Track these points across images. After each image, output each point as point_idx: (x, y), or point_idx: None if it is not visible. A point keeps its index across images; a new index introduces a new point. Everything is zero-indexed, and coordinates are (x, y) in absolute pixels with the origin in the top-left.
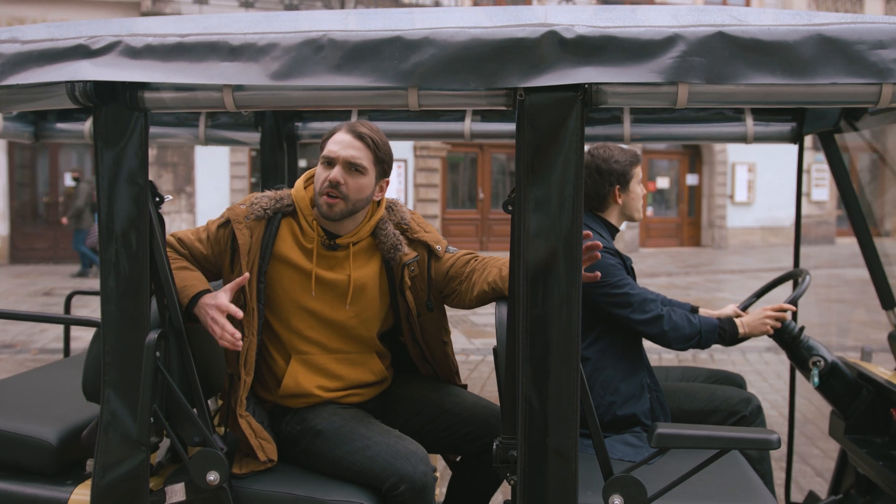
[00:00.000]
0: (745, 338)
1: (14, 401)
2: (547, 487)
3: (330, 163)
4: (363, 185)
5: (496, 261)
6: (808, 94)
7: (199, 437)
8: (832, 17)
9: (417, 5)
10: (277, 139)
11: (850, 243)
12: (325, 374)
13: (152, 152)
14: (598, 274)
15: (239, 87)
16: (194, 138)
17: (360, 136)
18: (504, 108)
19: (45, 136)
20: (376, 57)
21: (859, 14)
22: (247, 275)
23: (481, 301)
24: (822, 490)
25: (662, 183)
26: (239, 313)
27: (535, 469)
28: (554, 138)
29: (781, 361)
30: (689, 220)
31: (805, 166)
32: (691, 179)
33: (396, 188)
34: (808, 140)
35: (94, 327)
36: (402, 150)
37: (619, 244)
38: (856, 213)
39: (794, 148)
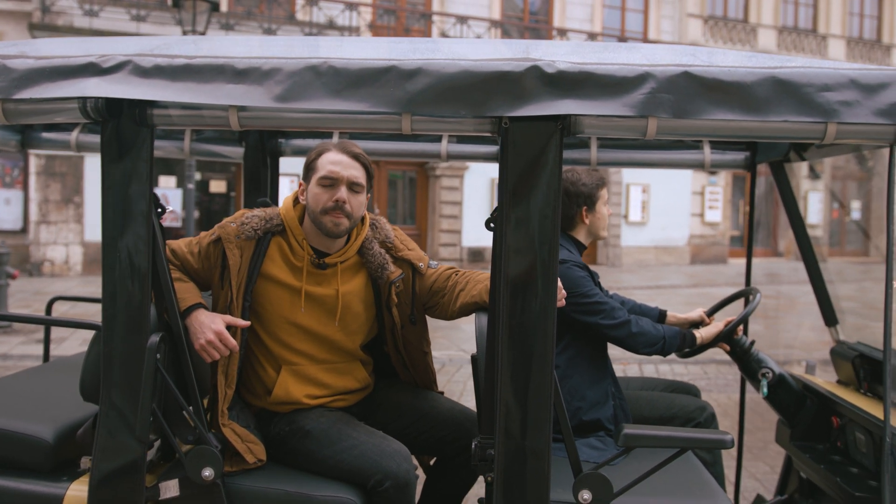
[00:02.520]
0: (703, 348)
1: (7, 401)
2: (522, 484)
3: (332, 184)
4: (362, 202)
5: (479, 275)
6: (762, 129)
7: (193, 435)
8: (784, 61)
9: (311, 23)
10: (261, 154)
11: (741, 263)
12: (313, 383)
13: (40, 161)
14: (564, 302)
15: (243, 108)
16: (179, 151)
17: (355, 156)
18: (489, 134)
19: (31, 145)
20: (373, 84)
21: (809, 59)
22: (248, 323)
23: (464, 312)
24: (769, 493)
25: None
26: (236, 347)
27: (511, 467)
28: (535, 163)
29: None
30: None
31: (699, 188)
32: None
33: None
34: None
35: (91, 330)
36: (295, 164)
37: None
38: (802, 237)
39: (688, 172)
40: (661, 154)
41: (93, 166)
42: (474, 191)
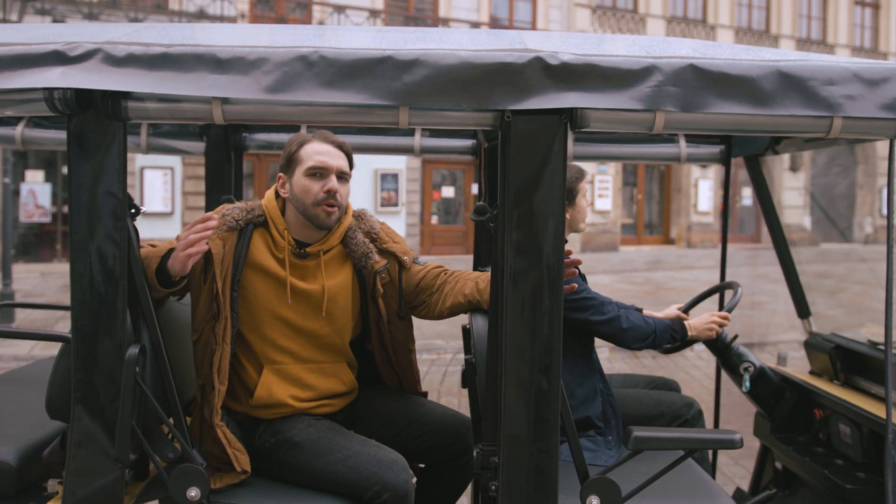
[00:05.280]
0: (693, 340)
1: None
2: (529, 492)
3: (321, 174)
4: (348, 192)
5: (468, 274)
6: (770, 124)
7: (174, 452)
8: (785, 55)
9: (181, 13)
10: (224, 149)
11: (633, 250)
12: (297, 383)
13: None
14: (575, 285)
15: (226, 100)
16: (136, 146)
17: (340, 146)
18: (491, 128)
19: None
20: (369, 75)
21: (809, 53)
22: (209, 215)
23: (454, 312)
24: (742, 482)
25: (448, 192)
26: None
27: (517, 475)
28: (539, 158)
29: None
30: (474, 228)
31: (588, 177)
32: (476, 189)
33: (163, 196)
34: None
35: (59, 342)
36: (169, 158)
37: None
38: (776, 228)
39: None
40: (637, 147)
41: None
42: (359, 184)
